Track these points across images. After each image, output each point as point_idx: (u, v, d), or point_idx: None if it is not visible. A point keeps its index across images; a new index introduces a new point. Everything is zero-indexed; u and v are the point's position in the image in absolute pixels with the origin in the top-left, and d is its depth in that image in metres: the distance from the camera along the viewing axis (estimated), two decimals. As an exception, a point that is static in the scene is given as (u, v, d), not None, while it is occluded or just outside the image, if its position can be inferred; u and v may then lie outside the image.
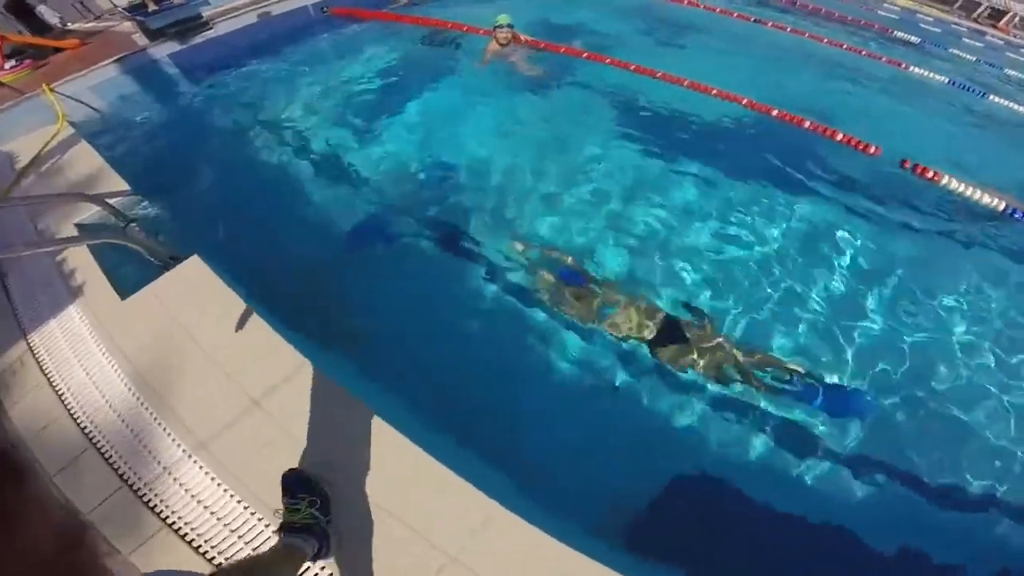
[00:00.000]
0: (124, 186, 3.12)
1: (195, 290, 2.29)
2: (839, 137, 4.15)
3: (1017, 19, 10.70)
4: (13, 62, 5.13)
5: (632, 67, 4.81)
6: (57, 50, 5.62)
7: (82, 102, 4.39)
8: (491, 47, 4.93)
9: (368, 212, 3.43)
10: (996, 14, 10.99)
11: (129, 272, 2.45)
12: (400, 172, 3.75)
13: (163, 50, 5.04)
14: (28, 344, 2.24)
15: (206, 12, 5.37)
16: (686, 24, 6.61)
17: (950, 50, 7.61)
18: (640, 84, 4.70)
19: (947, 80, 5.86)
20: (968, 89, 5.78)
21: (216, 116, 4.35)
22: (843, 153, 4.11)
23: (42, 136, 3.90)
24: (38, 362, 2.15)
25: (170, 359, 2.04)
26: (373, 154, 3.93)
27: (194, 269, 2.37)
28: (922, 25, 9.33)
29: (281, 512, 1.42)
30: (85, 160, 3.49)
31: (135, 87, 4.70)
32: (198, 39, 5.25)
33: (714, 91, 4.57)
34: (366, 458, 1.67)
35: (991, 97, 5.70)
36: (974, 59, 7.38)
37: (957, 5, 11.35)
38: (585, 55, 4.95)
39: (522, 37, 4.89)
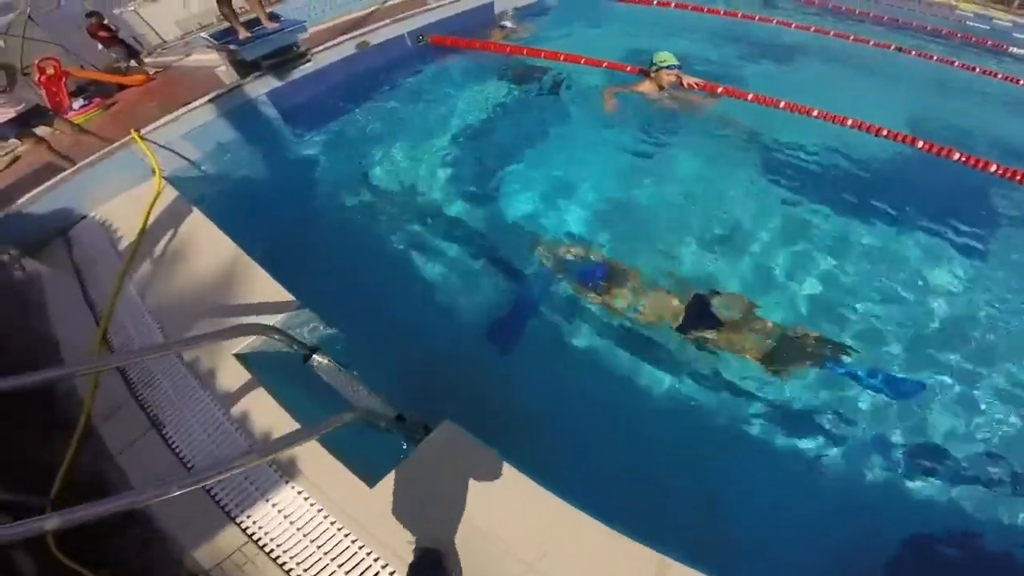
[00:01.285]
0: (279, 290, 2.35)
1: (465, 470, 1.55)
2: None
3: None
4: (82, 100, 4.42)
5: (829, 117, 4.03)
6: (121, 87, 4.92)
7: (177, 153, 3.65)
8: (643, 87, 4.22)
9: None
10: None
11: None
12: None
13: (259, 87, 4.27)
14: (244, 532, 1.51)
15: (302, 38, 4.62)
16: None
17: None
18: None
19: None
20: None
21: (341, 177, 3.62)
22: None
23: (138, 199, 3.16)
24: (273, 559, 1.46)
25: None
26: (507, 219, 3.28)
27: (449, 439, 1.63)
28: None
29: None
30: (206, 239, 2.75)
31: (235, 134, 3.95)
32: (296, 73, 4.51)
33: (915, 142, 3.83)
34: None
35: None
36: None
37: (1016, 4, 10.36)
38: (783, 104, 4.08)
39: (686, 81, 4.15)
